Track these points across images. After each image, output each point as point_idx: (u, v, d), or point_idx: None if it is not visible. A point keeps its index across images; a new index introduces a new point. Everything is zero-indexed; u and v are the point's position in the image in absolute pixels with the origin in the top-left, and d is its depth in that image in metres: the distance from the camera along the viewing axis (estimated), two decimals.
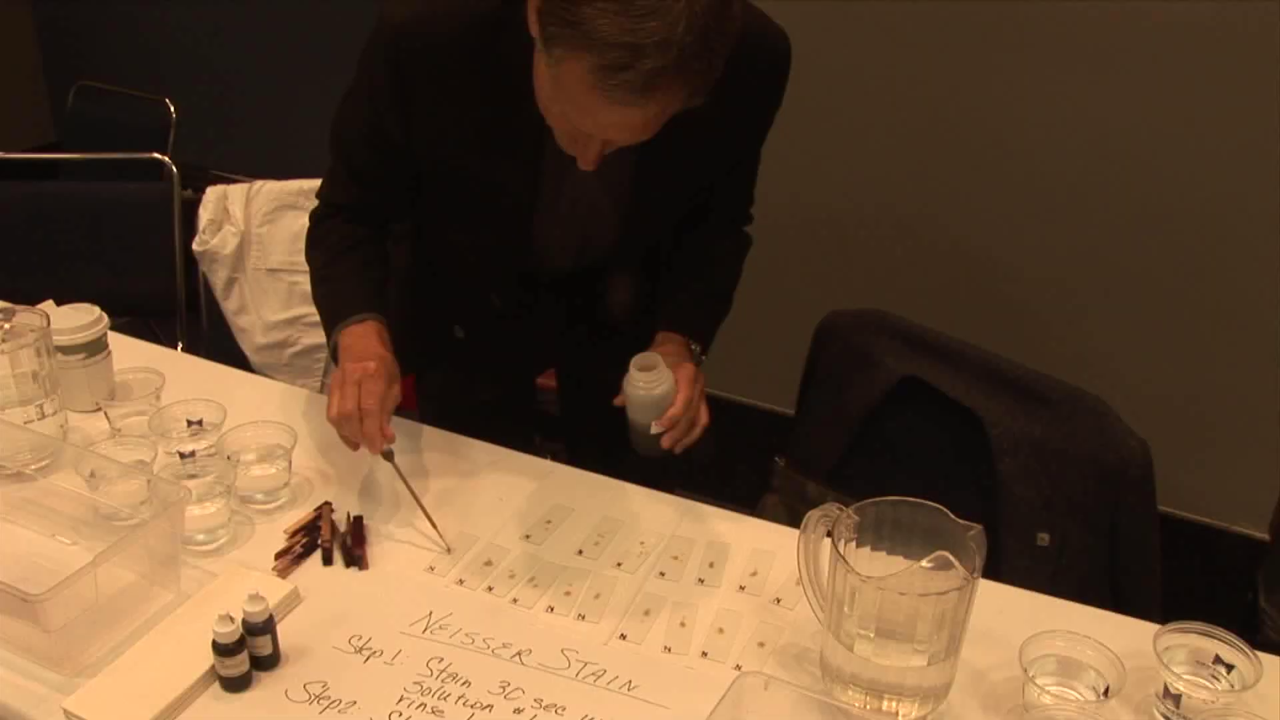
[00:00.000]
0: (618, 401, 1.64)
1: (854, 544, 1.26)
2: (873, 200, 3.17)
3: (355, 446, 1.57)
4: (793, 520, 1.33)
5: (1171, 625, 1.30)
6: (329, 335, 1.67)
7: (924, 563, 1.19)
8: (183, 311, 2.94)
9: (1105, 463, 1.79)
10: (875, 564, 1.28)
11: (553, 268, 1.79)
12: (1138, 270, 2.92)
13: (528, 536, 1.56)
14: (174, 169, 3.00)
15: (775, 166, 1.81)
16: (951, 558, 1.19)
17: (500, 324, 1.86)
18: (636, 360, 1.62)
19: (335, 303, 1.68)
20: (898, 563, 1.26)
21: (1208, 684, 1.26)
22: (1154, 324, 2.95)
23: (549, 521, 1.59)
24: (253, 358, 2.75)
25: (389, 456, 1.54)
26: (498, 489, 1.66)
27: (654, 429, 1.61)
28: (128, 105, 3.81)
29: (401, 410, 1.64)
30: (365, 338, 1.60)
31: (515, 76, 1.44)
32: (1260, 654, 1.26)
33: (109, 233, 2.93)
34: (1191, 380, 2.96)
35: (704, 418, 1.67)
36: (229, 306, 2.74)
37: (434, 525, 1.53)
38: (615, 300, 1.89)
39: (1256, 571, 2.62)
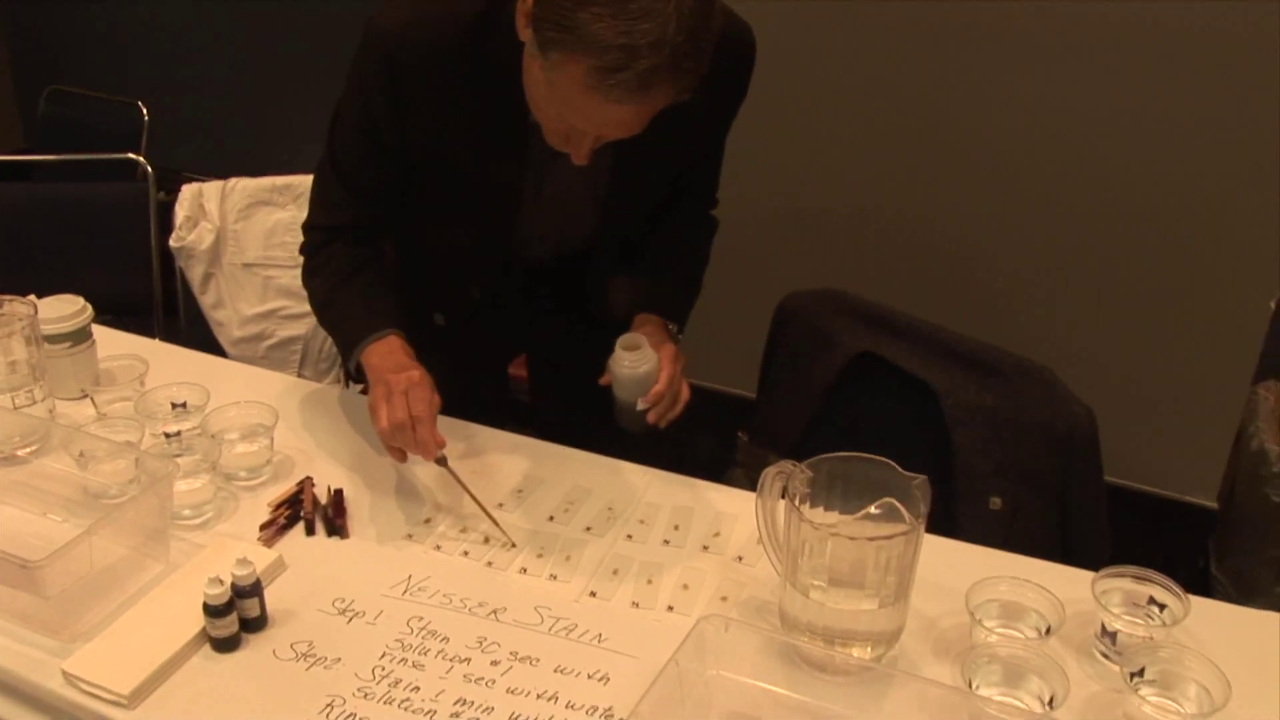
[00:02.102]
0: (603, 381, 1.72)
1: (808, 499, 1.33)
2: (828, 186, 3.26)
3: (403, 457, 1.60)
4: (755, 490, 1.40)
5: (1107, 570, 1.38)
6: (348, 354, 1.70)
7: (872, 509, 1.26)
8: (159, 310, 2.99)
9: (1054, 430, 1.87)
10: (828, 522, 1.35)
11: (531, 258, 1.86)
12: (1087, 247, 3.00)
13: (500, 505, 1.63)
14: (149, 168, 3.06)
15: (732, 156, 1.88)
16: (897, 504, 1.26)
17: (478, 312, 1.93)
18: (622, 340, 1.70)
19: (351, 323, 1.71)
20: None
21: (1141, 622, 1.34)
22: (1107, 302, 3.03)
23: (520, 491, 1.66)
24: (230, 351, 2.81)
25: (442, 462, 1.58)
26: (472, 463, 1.73)
27: (640, 405, 1.69)
28: (99, 109, 3.86)
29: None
30: (394, 353, 1.64)
31: (501, 77, 1.52)
32: (1190, 596, 1.35)
33: (84, 233, 2.98)
34: (1143, 354, 3.05)
35: (685, 393, 1.75)
36: (206, 301, 2.80)
37: (496, 523, 1.58)
38: (616, 301, 1.95)
39: (1208, 540, 2.72)
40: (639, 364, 1.68)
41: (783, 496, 1.34)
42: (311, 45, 4.08)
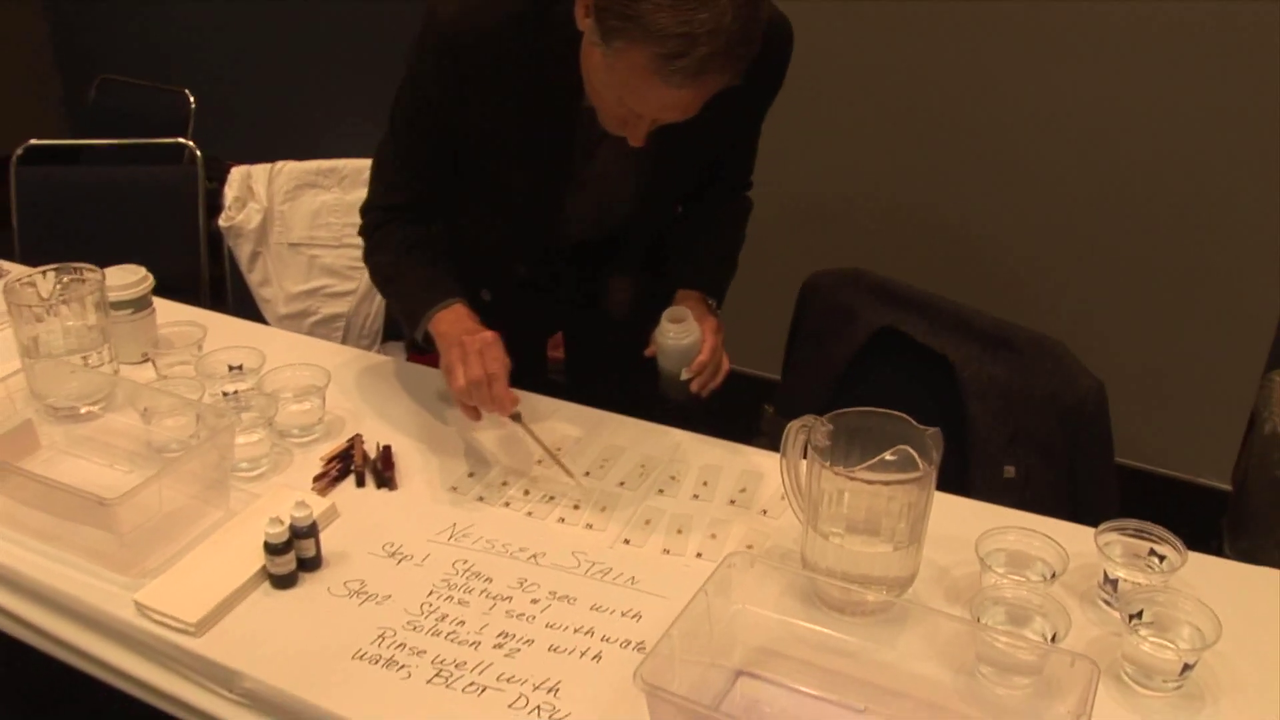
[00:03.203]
0: (649, 352, 1.81)
1: (829, 453, 1.42)
2: (848, 173, 3.36)
3: (477, 415, 1.69)
4: (778, 451, 1.50)
5: (1109, 524, 1.47)
6: (415, 323, 1.77)
7: (887, 455, 1.36)
8: (207, 288, 3.11)
9: (1064, 401, 1.96)
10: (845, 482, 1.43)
11: (573, 237, 1.95)
12: (1101, 234, 3.09)
13: (539, 462, 1.73)
14: (197, 152, 3.18)
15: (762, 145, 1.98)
16: (911, 451, 1.35)
17: (523, 289, 2.02)
18: (668, 313, 1.79)
19: (418, 294, 1.78)
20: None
21: (1141, 571, 1.43)
22: (1121, 288, 3.11)
23: (558, 449, 1.76)
24: (275, 327, 2.91)
25: (516, 418, 1.67)
26: (511, 425, 1.82)
27: (684, 375, 1.79)
28: (147, 98, 3.98)
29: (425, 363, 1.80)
30: (462, 320, 1.72)
31: (553, 65, 1.62)
32: (1189, 551, 1.43)
33: (134, 216, 3.11)
34: (1157, 339, 3.12)
35: (726, 365, 1.84)
36: (253, 279, 2.91)
37: (570, 474, 1.68)
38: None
39: (1221, 520, 2.79)
40: (683, 336, 1.77)
41: (804, 456, 1.44)
42: (348, 37, 4.19)
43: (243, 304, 2.98)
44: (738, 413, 2.38)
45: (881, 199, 3.34)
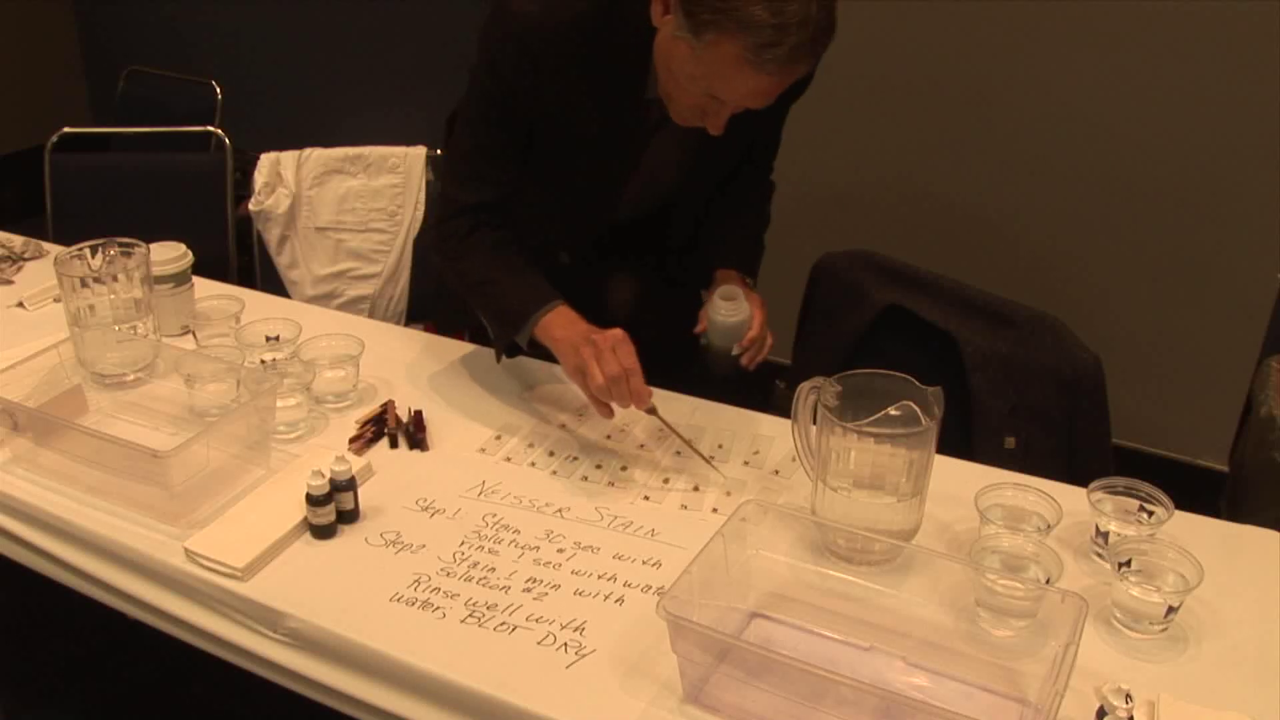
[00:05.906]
0: (698, 330, 1.91)
1: (838, 409, 1.50)
2: (857, 159, 3.46)
3: (610, 413, 1.71)
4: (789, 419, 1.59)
5: (1100, 481, 1.55)
6: (517, 325, 1.78)
7: (892, 410, 1.45)
8: (235, 274, 3.20)
9: (1062, 374, 2.05)
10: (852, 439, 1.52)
11: (616, 220, 2.02)
12: (1102, 220, 3.17)
13: (563, 425, 1.83)
14: (226, 139, 3.27)
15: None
16: (914, 406, 1.44)
17: (563, 276, 2.09)
18: (720, 292, 1.88)
19: (518, 297, 1.80)
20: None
21: (1131, 525, 1.52)
22: (1121, 273, 3.19)
23: (581, 414, 1.85)
24: None
25: (652, 411, 1.72)
26: (537, 391, 1.93)
27: (735, 350, 1.88)
28: (173, 90, 4.07)
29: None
30: (576, 321, 1.74)
31: (623, 59, 1.71)
32: (1178, 510, 1.52)
33: (163, 200, 3.20)
34: (1155, 320, 3.20)
35: (771, 339, 1.93)
36: (281, 261, 3.00)
37: (707, 460, 1.73)
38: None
39: (1219, 501, 2.87)
40: (735, 313, 1.87)
41: (814, 419, 1.53)
42: (369, 28, 4.27)
43: (270, 287, 3.06)
44: (749, 390, 2.47)
45: (889, 185, 3.42)
